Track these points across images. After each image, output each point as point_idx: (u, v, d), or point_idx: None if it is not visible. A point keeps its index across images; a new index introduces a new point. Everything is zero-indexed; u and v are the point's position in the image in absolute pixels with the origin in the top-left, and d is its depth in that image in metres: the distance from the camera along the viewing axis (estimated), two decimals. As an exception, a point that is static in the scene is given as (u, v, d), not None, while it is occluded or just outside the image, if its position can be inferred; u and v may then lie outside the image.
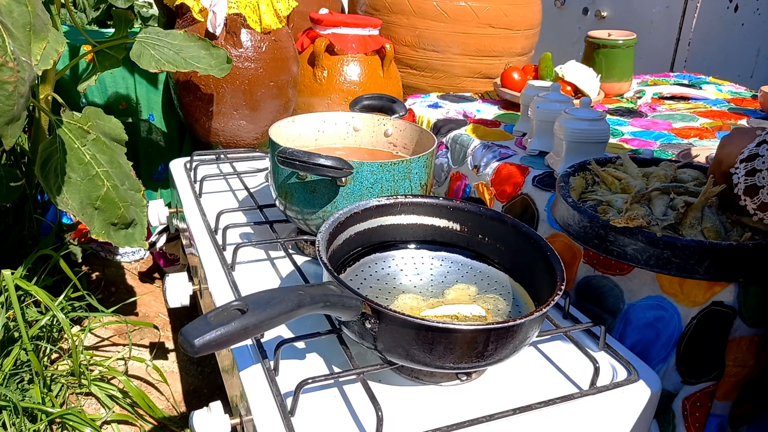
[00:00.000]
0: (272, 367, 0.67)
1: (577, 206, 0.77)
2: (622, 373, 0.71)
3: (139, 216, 1.16)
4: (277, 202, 0.90)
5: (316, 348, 0.72)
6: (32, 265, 1.24)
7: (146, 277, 1.63)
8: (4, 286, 1.11)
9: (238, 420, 0.65)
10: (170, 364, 1.33)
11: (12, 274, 1.12)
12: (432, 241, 0.84)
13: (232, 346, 0.69)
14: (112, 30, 1.54)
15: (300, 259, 0.92)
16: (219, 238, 0.93)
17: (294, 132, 1.01)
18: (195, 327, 0.53)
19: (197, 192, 1.11)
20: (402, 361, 0.63)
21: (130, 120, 1.54)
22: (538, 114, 1.08)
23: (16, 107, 0.83)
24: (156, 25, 2.18)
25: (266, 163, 1.22)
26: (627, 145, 1.16)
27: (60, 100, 1.19)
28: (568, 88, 1.36)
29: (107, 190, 1.10)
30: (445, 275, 0.81)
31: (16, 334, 1.12)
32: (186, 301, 0.96)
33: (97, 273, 1.58)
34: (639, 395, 0.69)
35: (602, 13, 2.58)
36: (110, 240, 1.11)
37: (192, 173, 1.20)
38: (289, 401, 0.62)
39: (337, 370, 0.69)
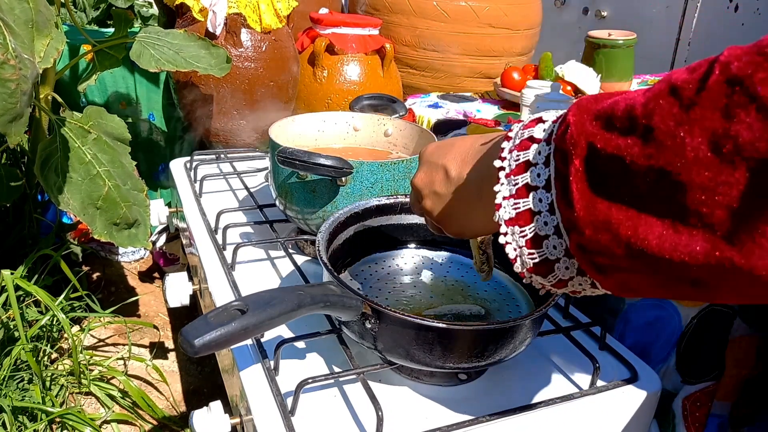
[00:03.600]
0: (272, 367, 0.67)
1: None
2: (622, 373, 0.71)
3: (142, 216, 1.16)
4: (277, 202, 0.90)
5: (316, 348, 0.72)
6: (32, 265, 1.24)
7: (146, 276, 1.63)
8: (4, 286, 1.11)
9: (238, 420, 0.65)
10: (170, 364, 1.33)
11: (12, 274, 1.12)
12: (432, 241, 0.84)
13: (232, 346, 0.69)
14: (112, 30, 1.54)
15: (300, 259, 0.92)
16: (219, 237, 0.93)
17: (294, 132, 1.01)
18: (195, 327, 0.53)
19: (197, 192, 1.11)
20: (402, 361, 0.63)
21: (130, 120, 1.54)
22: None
23: (19, 104, 0.83)
24: (156, 24, 2.18)
25: (266, 162, 1.22)
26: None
27: (60, 99, 1.19)
28: (568, 88, 1.36)
29: (108, 189, 1.09)
30: (445, 275, 0.81)
31: (16, 334, 1.12)
32: (186, 301, 0.97)
33: (97, 273, 1.58)
34: (639, 395, 0.69)
35: (602, 13, 2.58)
36: (113, 240, 1.10)
37: (192, 173, 1.20)
38: (289, 401, 0.62)
39: (337, 369, 0.69)
